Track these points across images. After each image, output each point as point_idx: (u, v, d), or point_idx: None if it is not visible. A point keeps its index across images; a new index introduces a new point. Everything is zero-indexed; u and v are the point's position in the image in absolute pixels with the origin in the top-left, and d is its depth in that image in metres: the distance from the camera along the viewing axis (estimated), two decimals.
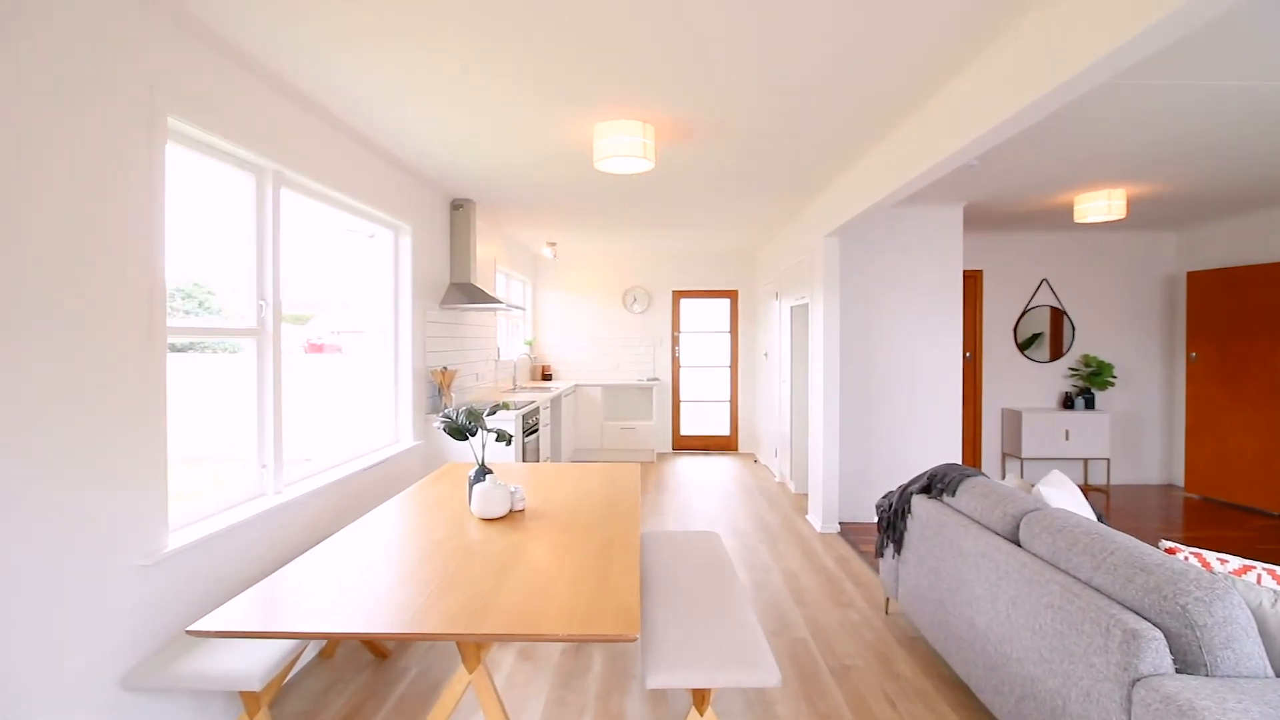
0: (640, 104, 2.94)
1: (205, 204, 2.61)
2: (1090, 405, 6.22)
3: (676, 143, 3.50)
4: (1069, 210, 5.10)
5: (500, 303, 4.79)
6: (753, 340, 7.89)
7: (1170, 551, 1.91)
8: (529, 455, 4.80)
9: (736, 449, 7.97)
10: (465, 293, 4.67)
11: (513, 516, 2.34)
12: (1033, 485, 2.89)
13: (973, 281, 6.29)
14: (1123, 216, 4.70)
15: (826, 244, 4.70)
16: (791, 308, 5.85)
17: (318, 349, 4.12)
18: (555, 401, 6.24)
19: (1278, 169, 4.02)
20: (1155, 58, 2.45)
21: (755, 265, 7.86)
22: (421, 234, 4.29)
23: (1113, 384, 6.32)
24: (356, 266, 3.99)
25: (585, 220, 5.75)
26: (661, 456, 7.62)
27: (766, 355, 7.11)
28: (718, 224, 5.99)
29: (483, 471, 2.43)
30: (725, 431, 8.00)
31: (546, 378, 7.50)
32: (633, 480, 2.93)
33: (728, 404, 7.99)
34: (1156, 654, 1.56)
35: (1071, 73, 1.97)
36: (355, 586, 1.69)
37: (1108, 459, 6.14)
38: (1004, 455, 6.36)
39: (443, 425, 2.39)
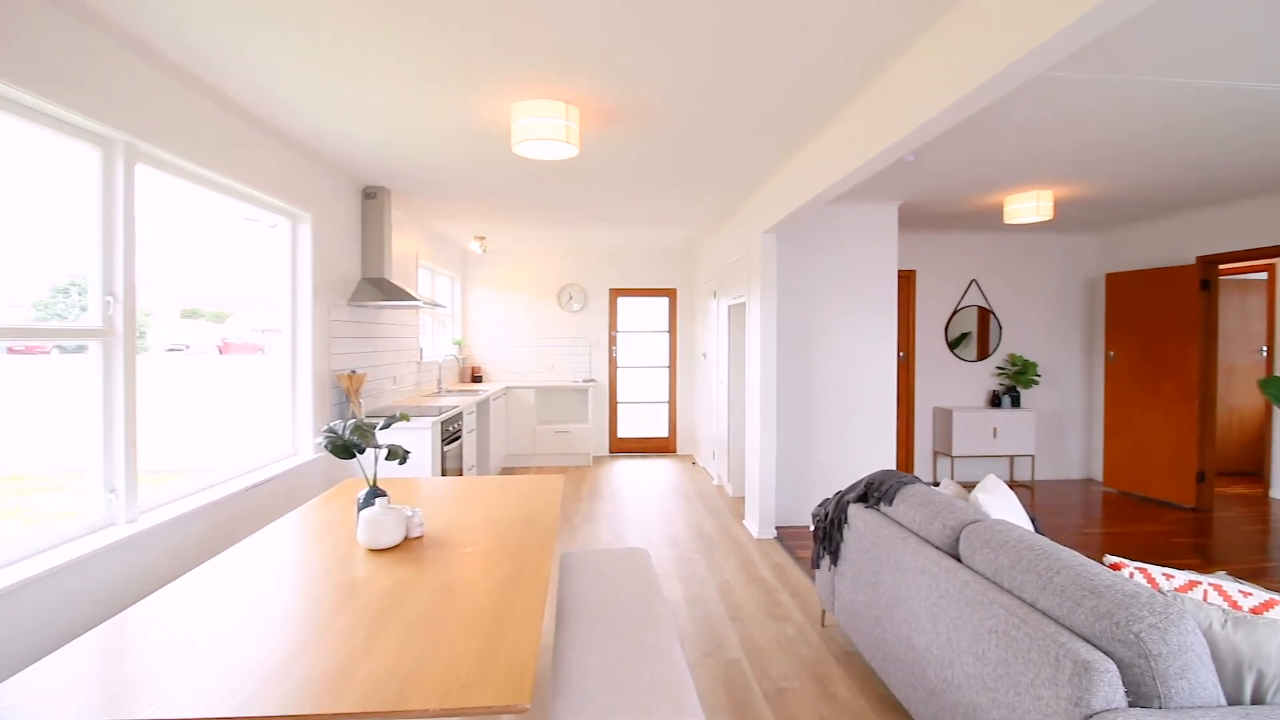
0: (562, 84, 2.68)
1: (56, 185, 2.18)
2: (1016, 403, 6.36)
3: (604, 129, 3.25)
4: (999, 211, 5.15)
5: (419, 300, 4.43)
6: (692, 340, 7.74)
7: (1115, 567, 1.81)
8: (450, 465, 4.46)
9: (675, 451, 7.81)
10: (379, 289, 4.28)
11: (408, 546, 2.04)
12: (969, 492, 2.80)
13: (907, 281, 6.32)
14: (1050, 218, 4.77)
15: (764, 241, 4.57)
16: (729, 307, 5.71)
17: (240, 349, 3.69)
18: (483, 405, 5.89)
19: (1191, 175, 4.13)
20: (1083, 55, 2.37)
21: (694, 263, 7.71)
22: (325, 224, 3.88)
23: (1037, 382, 6.49)
24: (261, 259, 3.56)
25: (514, 212, 5.43)
26: (598, 460, 7.37)
27: (705, 355, 6.97)
28: (655, 220, 5.78)
29: (374, 494, 2.12)
30: (664, 433, 7.82)
31: (476, 380, 7.12)
32: (554, 495, 2.67)
33: (666, 405, 7.82)
34: (1110, 687, 1.43)
35: (1000, 66, 1.88)
36: (189, 647, 1.37)
37: (1033, 456, 6.29)
38: (935, 453, 6.42)
39: (325, 442, 2.07)
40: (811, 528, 3.12)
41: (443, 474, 4.21)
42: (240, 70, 2.54)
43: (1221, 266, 5.48)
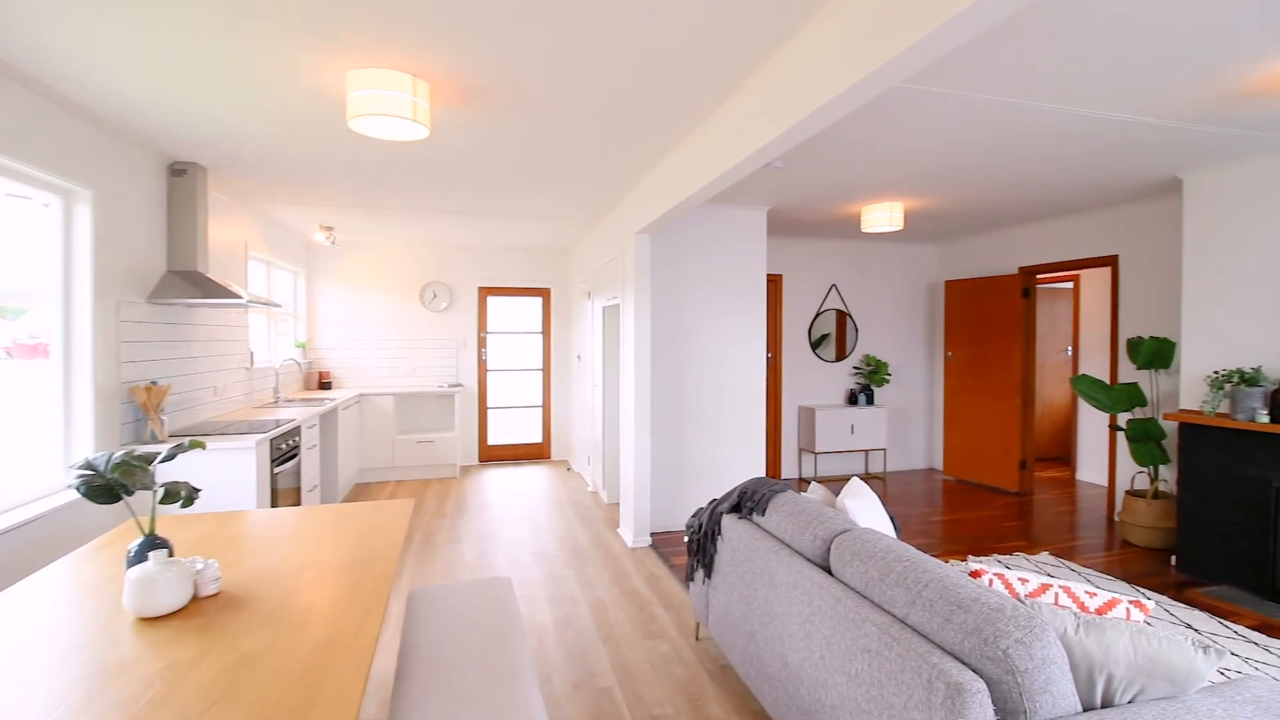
0: (409, 54, 2.34)
1: None
2: (870, 401, 6.77)
3: (462, 111, 2.92)
4: (857, 220, 5.41)
5: (244, 298, 3.80)
6: (566, 341, 7.49)
7: (976, 574, 1.82)
8: (283, 487, 3.88)
9: (549, 457, 7.52)
10: (191, 284, 3.62)
11: (196, 609, 1.62)
12: (835, 496, 2.81)
13: (774, 284, 6.51)
14: (901, 228, 5.07)
15: (638, 241, 4.43)
16: (604, 308, 5.54)
17: (32, 351, 2.90)
18: (329, 416, 5.26)
19: (1015, 193, 4.54)
20: (934, 73, 2.44)
21: (569, 262, 7.47)
22: (113, 204, 3.20)
23: (888, 381, 6.95)
24: (38, 244, 2.83)
25: (367, 200, 4.88)
26: (466, 471, 6.90)
27: (580, 357, 6.76)
28: (526, 216, 5.47)
29: (150, 545, 1.67)
30: (537, 439, 7.51)
31: (324, 386, 6.39)
32: (398, 527, 2.32)
33: (540, 410, 7.51)
34: (981, 708, 1.39)
35: (860, 75, 1.89)
36: None
37: (884, 449, 6.73)
38: (800, 450, 6.68)
39: (79, 483, 1.60)
40: (686, 539, 3.01)
41: (273, 501, 3.64)
42: None
43: (1039, 276, 6.16)
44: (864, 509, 2.50)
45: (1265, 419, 3.50)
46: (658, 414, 4.80)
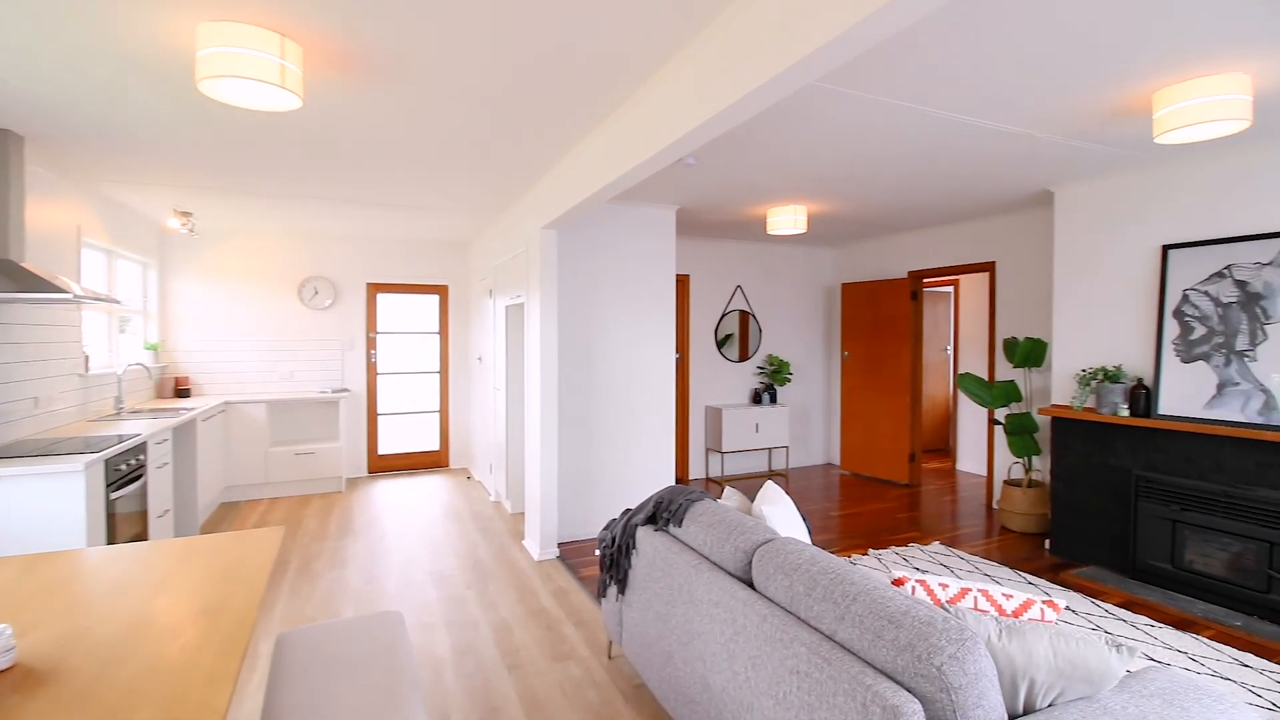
0: (276, 7, 2.00)
1: None
2: (774, 400, 6.91)
3: (343, 81, 2.58)
4: (763, 222, 5.47)
5: (68, 292, 3.20)
6: (466, 342, 7.09)
7: (898, 583, 1.78)
8: (126, 512, 3.31)
9: (448, 465, 7.08)
10: (1, 274, 2.99)
11: None
12: (751, 502, 2.75)
13: (682, 285, 6.48)
14: (804, 231, 5.17)
15: (543, 237, 4.20)
16: (507, 307, 5.25)
17: None
18: (186, 428, 4.61)
19: (909, 199, 4.74)
20: (858, 73, 2.43)
21: (469, 258, 7.07)
22: None
23: (790, 380, 7.13)
24: None
25: (230, 182, 4.31)
26: (354, 483, 6.34)
27: (481, 359, 6.40)
28: (421, 207, 5.07)
29: None
30: (434, 446, 7.04)
31: (182, 394, 5.62)
32: (262, 562, 1.97)
33: (438, 415, 7.05)
34: None
35: (771, 74, 1.85)
36: None
37: (787, 446, 6.89)
38: (708, 450, 6.70)
39: None
40: (597, 553, 2.83)
41: (110, 534, 3.08)
42: None
43: (925, 280, 6.52)
44: (781, 514, 2.44)
45: (1125, 413, 3.83)
46: (565, 417, 4.59)
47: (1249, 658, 2.85)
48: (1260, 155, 3.37)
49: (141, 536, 3.59)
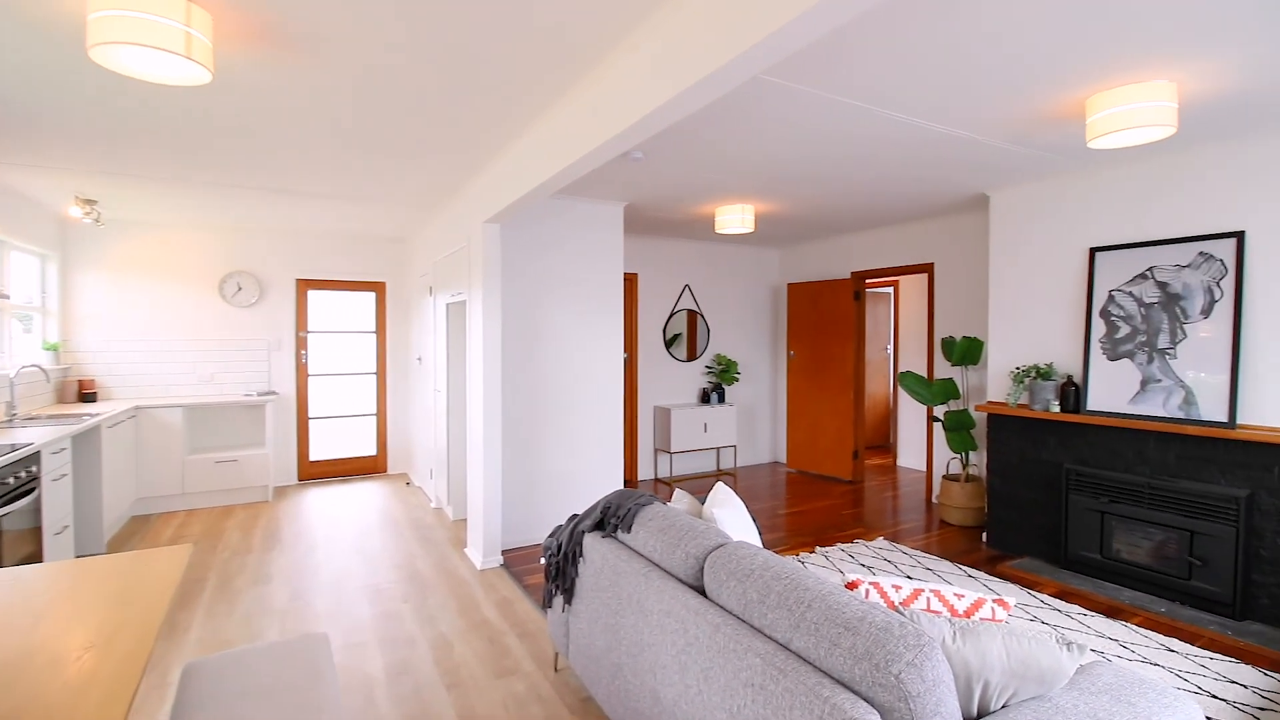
0: None
1: None
2: (722, 399, 6.91)
3: (262, 53, 2.37)
4: (711, 221, 5.44)
5: None
6: (405, 341, 6.80)
7: (852, 586, 1.74)
8: (15, 529, 2.97)
9: (385, 471, 6.77)
10: None
11: None
12: (700, 503, 2.68)
13: (631, 283, 6.39)
14: (752, 230, 5.16)
15: (486, 231, 4.03)
16: (448, 304, 5.04)
17: None
18: (89, 436, 4.21)
19: (852, 201, 4.80)
20: (805, 68, 2.40)
21: (408, 253, 6.78)
22: None
23: (738, 379, 7.15)
24: None
25: (139, 168, 3.95)
26: (283, 492, 5.97)
27: (420, 359, 6.14)
28: (355, 197, 4.80)
29: None
30: (371, 451, 6.72)
31: (86, 398, 5.15)
32: (162, 586, 1.76)
33: (374, 418, 6.73)
34: None
35: (717, 65, 1.82)
36: None
37: (735, 446, 6.90)
38: (656, 450, 6.64)
39: None
40: (542, 561, 2.71)
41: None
42: None
43: (867, 281, 6.65)
44: (732, 517, 2.38)
45: (1056, 409, 3.97)
46: (510, 419, 4.42)
47: (1174, 643, 2.98)
48: (1180, 162, 3.54)
49: (35, 557, 3.24)
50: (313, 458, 6.38)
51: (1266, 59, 2.35)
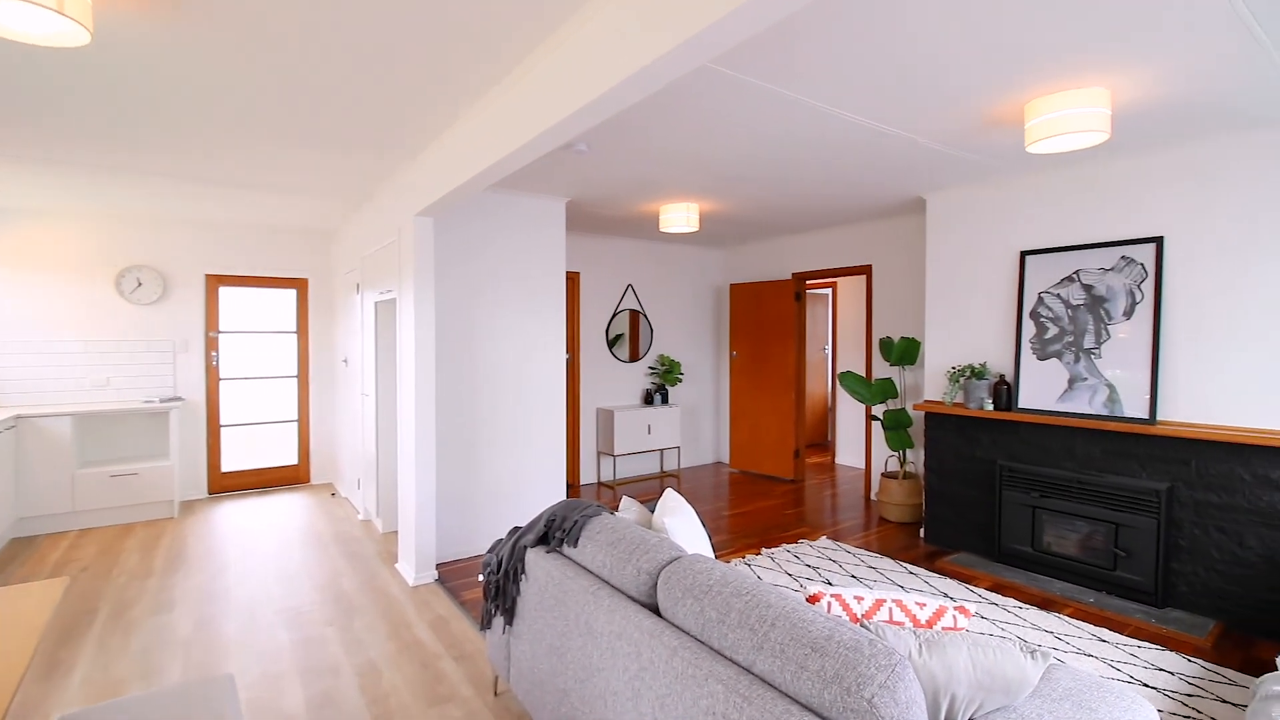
0: None
1: None
2: (665, 400, 6.83)
3: (150, 11, 2.08)
4: (655, 219, 5.34)
5: None
6: (330, 342, 6.38)
7: (813, 600, 1.66)
8: None
9: (308, 481, 6.33)
10: None
11: None
12: (650, 511, 2.56)
13: (573, 282, 6.22)
14: (697, 229, 5.10)
15: (418, 224, 3.78)
16: (377, 303, 4.73)
17: None
18: None
19: (794, 203, 4.80)
20: (754, 59, 2.32)
21: (333, 247, 6.36)
22: None
23: (681, 380, 7.09)
24: None
25: (10, 147, 3.49)
26: (191, 507, 5.47)
27: (346, 362, 5.76)
28: (272, 185, 4.43)
29: None
30: (292, 460, 6.27)
31: None
32: (29, 627, 1.49)
33: (296, 425, 6.28)
34: None
35: (651, 57, 1.74)
36: None
37: (679, 447, 6.84)
38: (599, 453, 6.49)
39: None
40: (481, 578, 2.52)
41: None
42: None
43: (808, 282, 6.73)
44: (683, 527, 2.27)
45: (990, 407, 4.08)
46: (446, 424, 4.18)
47: (1105, 632, 3.09)
48: (1106, 169, 3.69)
49: None
50: (225, 469, 5.88)
51: (1192, 69, 2.44)
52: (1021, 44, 2.25)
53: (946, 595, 3.57)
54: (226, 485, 5.88)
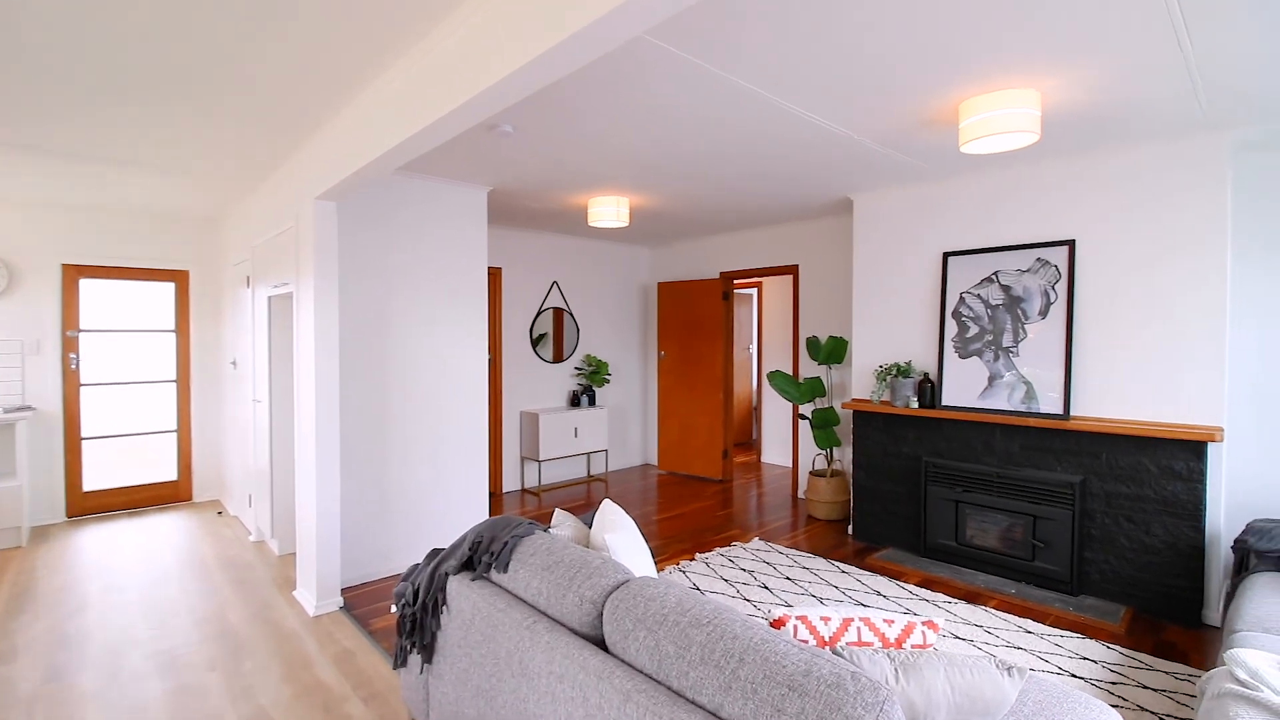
0: None
1: None
2: (592, 402, 6.62)
3: None
4: (584, 213, 5.11)
5: None
6: (215, 342, 5.71)
7: (778, 624, 1.51)
8: None
9: (190, 499, 5.64)
10: None
11: None
12: (587, 526, 2.35)
13: (495, 278, 5.88)
14: (627, 224, 4.91)
15: (319, 210, 3.38)
16: (270, 298, 4.23)
17: None
18: None
19: (723, 200, 4.72)
20: (683, 34, 2.16)
21: (219, 236, 5.70)
22: None
23: (608, 381, 6.90)
24: None
25: None
26: (45, 533, 4.72)
27: (235, 364, 5.16)
28: (146, 163, 3.85)
29: None
30: (171, 475, 5.56)
31: None
32: None
33: (175, 435, 5.58)
34: None
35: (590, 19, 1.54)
36: None
37: (606, 450, 6.64)
38: (523, 458, 6.19)
39: None
40: (394, 610, 2.22)
41: None
42: None
43: (735, 281, 6.71)
44: (625, 544, 2.07)
45: (915, 405, 4.15)
46: (352, 431, 3.78)
47: (1029, 623, 3.16)
48: (1025, 173, 3.82)
49: None
50: (88, 487, 5.12)
51: (1118, 75, 2.50)
52: (963, 39, 2.21)
53: (879, 593, 3.57)
54: (89, 507, 5.12)
